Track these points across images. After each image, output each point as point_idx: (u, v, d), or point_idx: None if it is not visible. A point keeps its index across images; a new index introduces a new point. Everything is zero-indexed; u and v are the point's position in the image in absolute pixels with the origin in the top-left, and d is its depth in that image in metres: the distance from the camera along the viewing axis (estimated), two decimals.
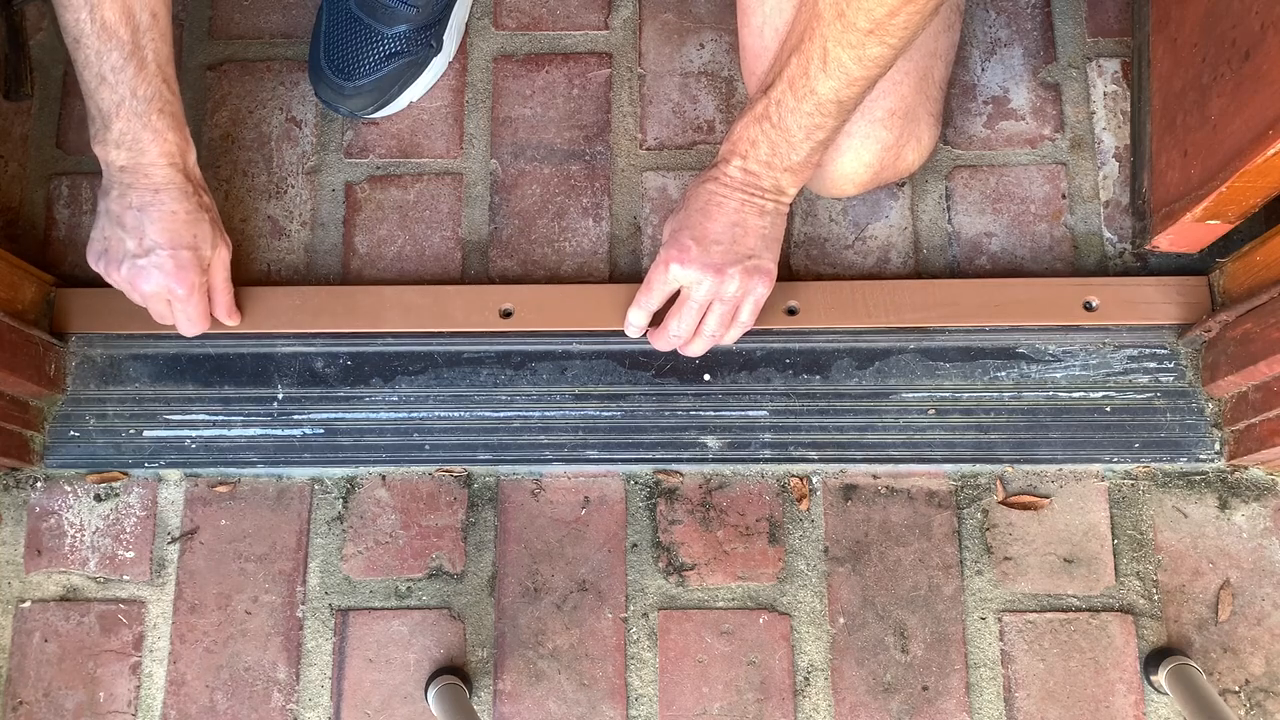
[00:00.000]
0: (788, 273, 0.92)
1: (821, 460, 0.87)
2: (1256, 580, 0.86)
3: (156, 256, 0.81)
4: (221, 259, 0.85)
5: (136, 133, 0.78)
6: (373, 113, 0.95)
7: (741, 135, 0.77)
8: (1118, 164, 0.94)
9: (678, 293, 0.82)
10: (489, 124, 0.97)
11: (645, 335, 0.87)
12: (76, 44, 0.76)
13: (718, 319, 0.82)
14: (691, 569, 0.87)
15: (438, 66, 0.96)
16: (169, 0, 0.78)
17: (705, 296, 0.81)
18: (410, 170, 0.96)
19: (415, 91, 0.96)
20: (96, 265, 0.84)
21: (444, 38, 0.95)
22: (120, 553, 0.89)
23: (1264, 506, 0.87)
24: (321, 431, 0.88)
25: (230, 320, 0.88)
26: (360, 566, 0.88)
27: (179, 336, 0.89)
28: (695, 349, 0.85)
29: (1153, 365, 0.88)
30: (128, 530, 0.89)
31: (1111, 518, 0.87)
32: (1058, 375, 0.88)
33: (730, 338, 0.84)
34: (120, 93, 0.77)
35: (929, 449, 0.87)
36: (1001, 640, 0.85)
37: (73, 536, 0.89)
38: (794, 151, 0.76)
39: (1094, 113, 0.95)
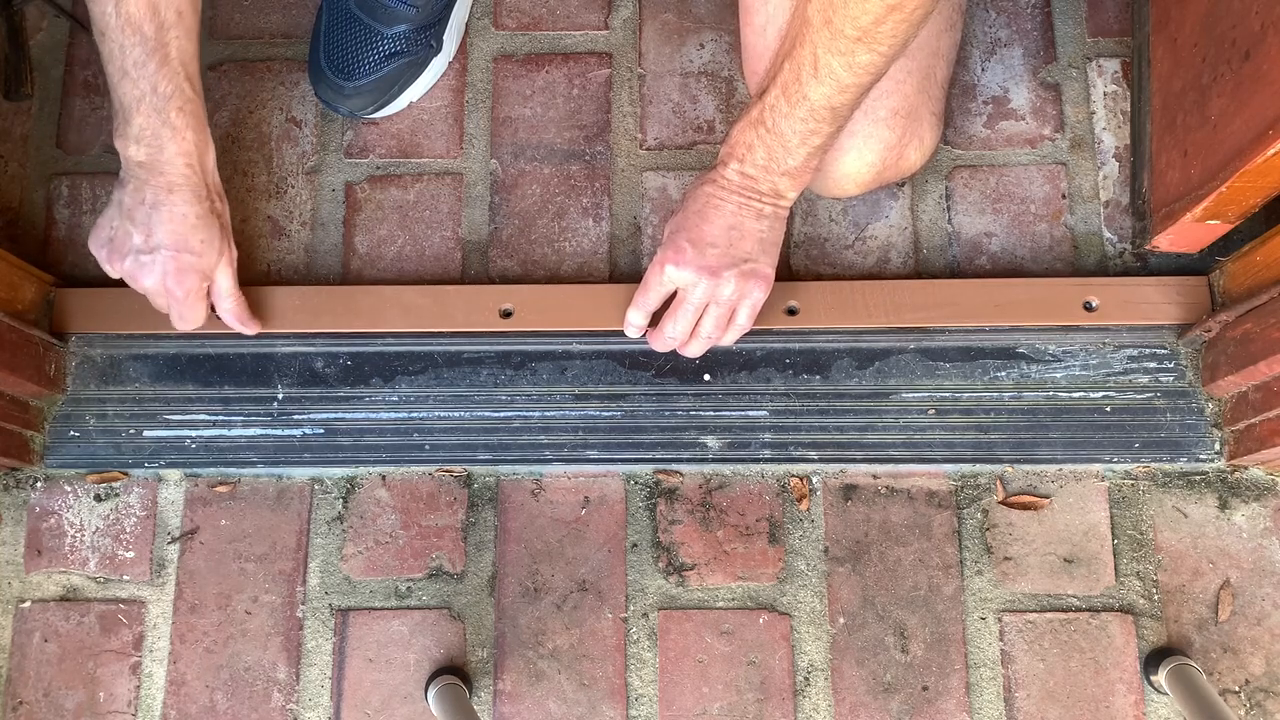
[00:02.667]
0: (788, 272, 0.92)
1: (821, 460, 0.87)
2: (1256, 580, 0.86)
3: (160, 255, 0.81)
4: (226, 268, 0.84)
5: (156, 129, 0.78)
6: (373, 113, 0.95)
7: (739, 139, 0.77)
8: (1118, 164, 0.94)
9: (676, 294, 0.82)
10: (489, 124, 0.97)
11: (644, 335, 0.87)
12: (102, 37, 0.76)
13: (714, 321, 0.82)
14: (691, 569, 0.87)
15: (438, 66, 0.96)
16: (197, 2, 0.78)
17: (701, 299, 0.81)
18: (410, 170, 0.96)
19: (415, 91, 0.96)
20: (99, 252, 0.83)
21: (444, 38, 0.95)
22: (120, 553, 0.89)
23: (1264, 506, 0.87)
24: (321, 431, 0.88)
25: (249, 330, 0.87)
26: (360, 566, 0.88)
27: (179, 336, 0.89)
28: (693, 350, 0.85)
29: (1153, 365, 0.88)
30: (128, 530, 0.89)
31: (1111, 518, 0.87)
32: (1058, 375, 0.88)
33: (728, 340, 0.84)
34: (141, 88, 0.76)
35: (929, 449, 0.87)
36: (1001, 640, 0.85)
37: (73, 536, 0.89)
38: (790, 156, 0.76)
39: (1094, 113, 0.95)
